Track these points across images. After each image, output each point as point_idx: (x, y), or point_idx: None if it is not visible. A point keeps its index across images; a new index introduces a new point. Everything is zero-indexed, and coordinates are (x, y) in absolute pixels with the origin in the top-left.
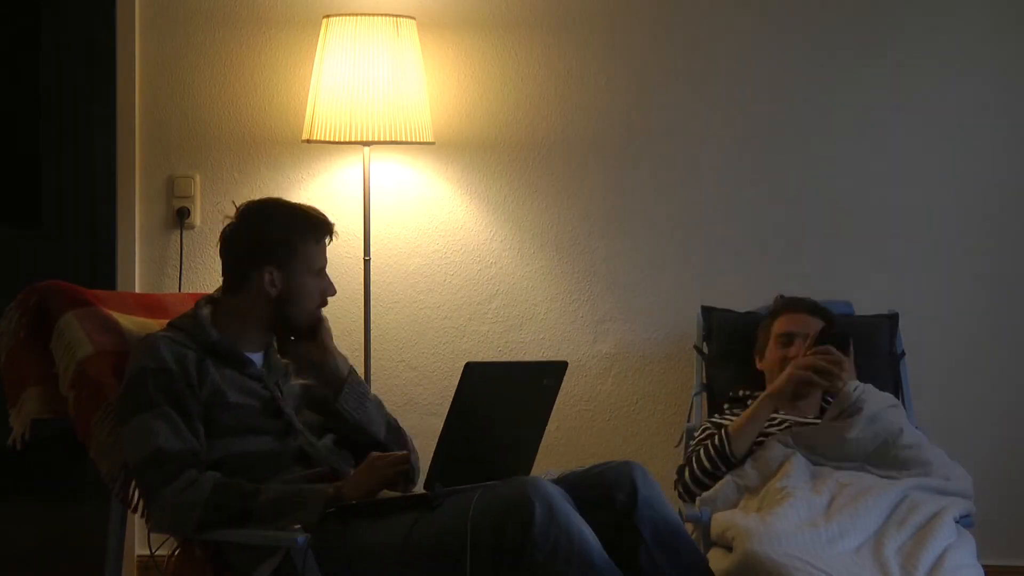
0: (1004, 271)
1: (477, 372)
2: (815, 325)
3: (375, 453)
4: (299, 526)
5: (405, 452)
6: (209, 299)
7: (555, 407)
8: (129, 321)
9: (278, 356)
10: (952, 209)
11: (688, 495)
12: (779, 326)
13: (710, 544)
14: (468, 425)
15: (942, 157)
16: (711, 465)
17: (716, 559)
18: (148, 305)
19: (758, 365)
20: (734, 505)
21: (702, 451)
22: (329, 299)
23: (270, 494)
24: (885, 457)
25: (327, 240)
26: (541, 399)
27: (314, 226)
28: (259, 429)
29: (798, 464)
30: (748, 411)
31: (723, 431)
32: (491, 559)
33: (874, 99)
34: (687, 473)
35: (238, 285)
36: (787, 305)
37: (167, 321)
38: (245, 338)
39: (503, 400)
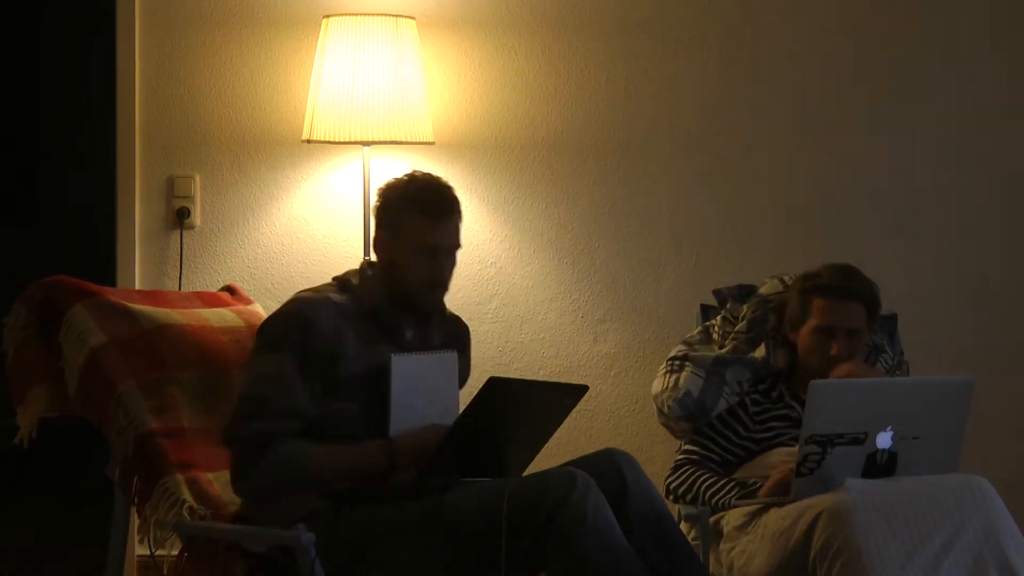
0: (1004, 271)
1: (499, 389)
2: (858, 316)
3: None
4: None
5: None
6: (371, 262)
7: None
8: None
9: (435, 331)
10: (951, 210)
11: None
12: (819, 315)
13: (709, 542)
14: (476, 433)
15: (942, 158)
16: (696, 499)
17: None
18: (151, 300)
19: (789, 335)
20: None
21: (703, 486)
22: None
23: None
24: None
25: (446, 220)
26: (555, 416)
27: (427, 202)
28: (361, 395)
29: None
30: (753, 501)
31: (725, 492)
32: (522, 535)
33: (876, 103)
34: (679, 487)
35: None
36: (829, 288)
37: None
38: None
39: (517, 415)
